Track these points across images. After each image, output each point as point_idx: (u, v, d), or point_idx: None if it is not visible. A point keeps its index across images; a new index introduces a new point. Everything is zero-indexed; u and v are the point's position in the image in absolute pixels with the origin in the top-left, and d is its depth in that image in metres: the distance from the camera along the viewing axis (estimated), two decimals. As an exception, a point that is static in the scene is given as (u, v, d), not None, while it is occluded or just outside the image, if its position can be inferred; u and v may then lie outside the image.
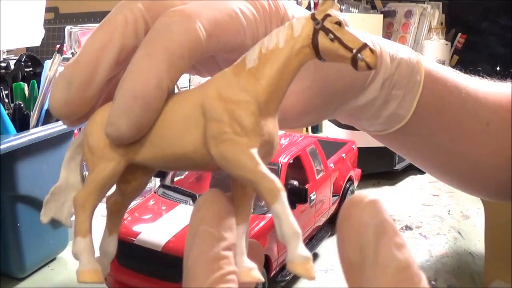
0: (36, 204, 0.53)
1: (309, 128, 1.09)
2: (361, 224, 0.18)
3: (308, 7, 1.23)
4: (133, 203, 0.55)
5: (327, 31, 0.21)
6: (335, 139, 0.82)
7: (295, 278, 0.52)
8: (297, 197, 0.52)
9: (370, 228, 0.18)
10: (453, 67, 0.44)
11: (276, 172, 0.53)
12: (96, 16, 1.92)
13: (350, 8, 1.54)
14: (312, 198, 0.58)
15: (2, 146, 0.46)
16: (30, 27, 0.92)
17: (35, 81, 0.60)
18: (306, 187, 0.54)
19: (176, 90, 0.92)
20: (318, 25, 0.21)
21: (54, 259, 0.58)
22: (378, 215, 0.18)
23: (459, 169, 0.45)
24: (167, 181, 0.56)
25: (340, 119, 0.41)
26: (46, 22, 1.02)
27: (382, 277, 0.17)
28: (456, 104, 0.41)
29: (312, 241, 0.61)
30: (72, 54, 0.71)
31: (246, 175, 0.20)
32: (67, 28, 0.70)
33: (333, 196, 0.66)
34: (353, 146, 0.76)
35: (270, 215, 0.50)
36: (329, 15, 0.21)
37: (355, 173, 0.74)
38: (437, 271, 0.56)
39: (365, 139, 0.66)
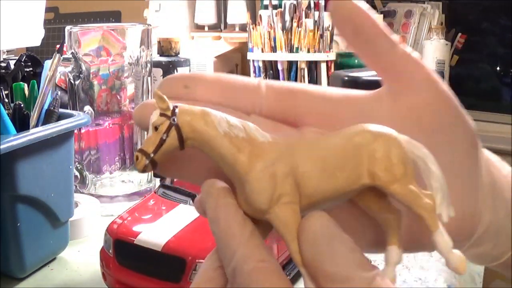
0: (36, 204, 0.53)
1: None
2: (315, 232, 0.22)
3: (308, 7, 1.23)
4: (133, 203, 0.55)
5: None
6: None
7: (295, 278, 0.52)
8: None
9: (323, 232, 0.22)
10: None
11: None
12: (96, 16, 1.92)
13: (350, 8, 1.53)
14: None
15: (2, 146, 0.46)
16: (30, 27, 0.92)
17: (35, 81, 0.60)
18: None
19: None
20: None
21: (54, 259, 0.58)
22: (329, 224, 0.22)
23: None
24: (167, 181, 0.56)
25: None
26: (46, 22, 1.02)
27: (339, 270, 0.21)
28: None
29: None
30: (72, 54, 0.71)
31: None
32: (67, 28, 0.70)
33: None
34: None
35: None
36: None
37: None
38: (437, 271, 0.56)
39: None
